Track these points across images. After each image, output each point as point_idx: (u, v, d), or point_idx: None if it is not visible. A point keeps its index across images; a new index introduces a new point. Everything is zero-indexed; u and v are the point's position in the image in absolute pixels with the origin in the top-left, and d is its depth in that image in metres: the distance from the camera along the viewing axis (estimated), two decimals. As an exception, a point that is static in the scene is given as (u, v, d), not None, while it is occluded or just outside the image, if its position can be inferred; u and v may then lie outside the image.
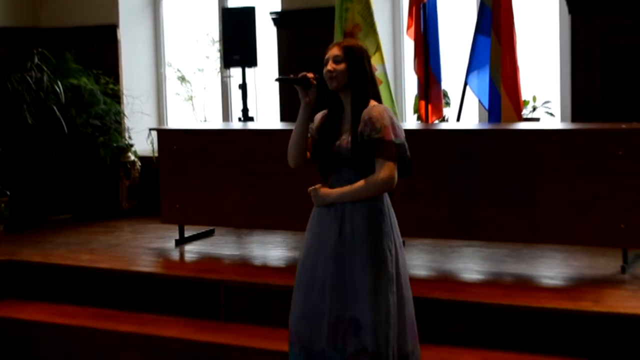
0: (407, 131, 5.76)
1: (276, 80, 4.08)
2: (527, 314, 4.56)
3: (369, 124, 3.63)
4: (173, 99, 8.43)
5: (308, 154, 3.83)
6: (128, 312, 5.55)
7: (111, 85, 7.87)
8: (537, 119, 6.70)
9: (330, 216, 3.71)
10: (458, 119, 6.44)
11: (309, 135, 3.81)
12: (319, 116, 3.84)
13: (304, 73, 3.73)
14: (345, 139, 3.68)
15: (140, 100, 8.09)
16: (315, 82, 3.69)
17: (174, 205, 6.27)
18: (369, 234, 3.68)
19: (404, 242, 5.89)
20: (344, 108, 3.76)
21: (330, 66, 3.70)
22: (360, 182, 3.66)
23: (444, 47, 6.67)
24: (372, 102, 3.71)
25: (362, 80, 3.71)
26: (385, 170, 3.64)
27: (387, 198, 3.78)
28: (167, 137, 6.34)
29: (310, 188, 3.76)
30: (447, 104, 7.06)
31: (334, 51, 3.73)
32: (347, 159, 3.67)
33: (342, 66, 3.68)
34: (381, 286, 3.67)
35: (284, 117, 7.38)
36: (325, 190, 3.72)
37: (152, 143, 7.36)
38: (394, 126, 3.69)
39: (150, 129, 7.14)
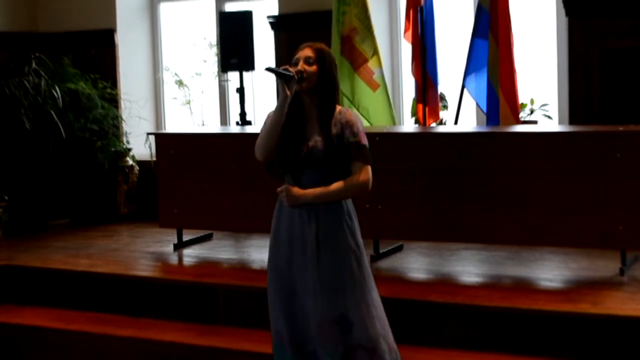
0: (405, 134, 5.80)
1: (266, 69, 3.88)
2: (526, 316, 4.56)
3: (347, 127, 3.69)
4: (171, 103, 8.43)
5: None
6: (126, 317, 5.54)
7: (109, 90, 7.87)
8: (535, 122, 6.70)
9: (303, 217, 3.73)
10: (456, 122, 6.45)
11: None
12: None
13: (287, 66, 3.72)
14: (319, 141, 3.69)
15: (138, 104, 8.09)
16: (296, 77, 3.69)
17: (172, 210, 6.26)
18: (344, 232, 3.73)
19: (401, 245, 5.97)
20: (305, 109, 3.77)
21: (301, 66, 3.71)
22: (339, 184, 3.69)
23: (441, 50, 6.68)
24: (339, 106, 3.77)
25: (330, 84, 3.74)
26: (364, 174, 3.71)
27: (351, 199, 3.84)
28: (165, 142, 6.34)
29: (281, 188, 3.76)
30: (445, 107, 7.07)
31: (306, 52, 3.75)
32: (320, 160, 3.69)
33: (313, 68, 3.71)
34: (364, 281, 3.73)
35: (281, 121, 7.36)
36: (299, 191, 3.72)
37: (150, 147, 7.36)
38: (364, 131, 3.76)
39: (148, 134, 7.14)
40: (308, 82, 3.70)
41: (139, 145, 7.77)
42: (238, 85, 7.33)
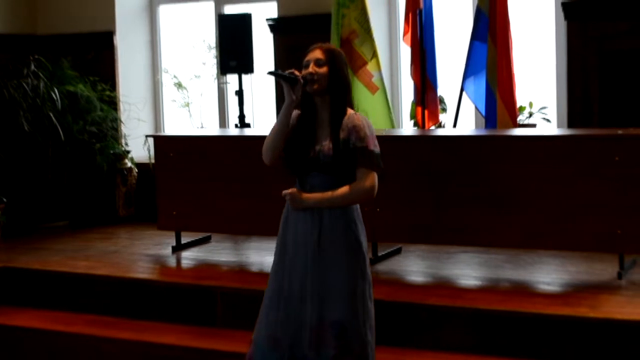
0: (404, 137, 5.81)
1: (268, 73, 3.91)
2: (524, 319, 4.56)
3: (354, 132, 3.66)
4: (170, 106, 8.43)
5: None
6: (125, 319, 5.54)
7: (108, 92, 7.87)
8: (534, 125, 6.70)
9: (307, 221, 3.71)
10: (454, 125, 6.45)
11: None
12: (294, 116, 3.81)
13: (292, 70, 3.71)
14: (326, 145, 3.67)
15: (137, 106, 8.09)
16: (302, 81, 3.68)
17: (171, 212, 6.26)
18: (348, 238, 3.71)
19: (400, 248, 5.96)
20: (318, 112, 3.75)
21: (311, 68, 3.69)
22: (345, 189, 3.67)
23: (440, 53, 6.68)
24: (350, 110, 3.73)
25: (342, 86, 3.72)
26: (370, 180, 3.69)
27: (358, 205, 3.81)
28: (164, 144, 6.34)
29: (286, 191, 3.74)
30: (444, 110, 7.07)
31: (316, 54, 3.73)
32: (326, 165, 3.68)
33: (324, 69, 3.69)
34: (363, 289, 3.72)
35: (280, 124, 7.37)
36: (305, 195, 3.71)
37: (148, 150, 7.36)
38: (373, 136, 3.72)
39: (147, 136, 7.14)
40: (319, 84, 3.68)
41: (138, 148, 7.77)
42: (237, 88, 7.32)
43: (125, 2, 8.19)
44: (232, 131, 7.01)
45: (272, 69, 7.39)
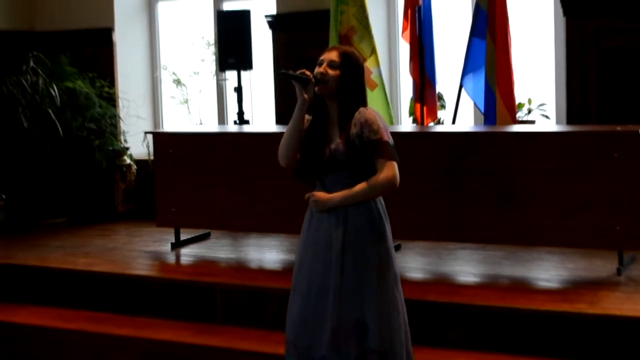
0: (402, 133, 5.80)
1: (281, 73, 3.78)
2: (523, 316, 4.56)
3: (366, 126, 3.60)
4: (168, 102, 8.42)
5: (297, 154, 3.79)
6: (124, 316, 5.54)
7: (106, 89, 7.87)
8: (533, 122, 6.70)
9: (330, 220, 3.66)
10: (453, 122, 6.45)
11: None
12: (306, 118, 3.79)
13: (303, 70, 3.66)
14: (340, 143, 3.62)
15: (136, 103, 8.09)
16: (313, 80, 3.64)
17: (170, 209, 6.27)
18: (372, 235, 3.66)
19: (399, 245, 5.97)
20: (329, 113, 3.71)
21: (323, 69, 3.64)
22: (363, 185, 3.62)
23: (439, 49, 6.68)
24: (361, 107, 3.67)
25: (353, 90, 3.66)
26: (389, 170, 3.61)
27: (382, 199, 3.76)
28: (163, 141, 6.34)
29: (309, 194, 3.70)
30: (443, 106, 7.06)
31: (332, 55, 3.67)
32: (343, 162, 3.63)
33: (336, 72, 3.63)
34: (387, 286, 3.65)
35: (279, 120, 7.38)
36: (325, 195, 3.66)
37: (147, 146, 7.36)
38: (387, 128, 3.66)
39: (146, 132, 7.14)
40: (327, 86, 3.63)
41: (137, 144, 7.77)
42: (236, 84, 7.33)
43: (124, -2, 8.20)
44: (231, 128, 7.01)
45: (271, 67, 7.41)
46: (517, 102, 6.24)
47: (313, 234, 3.72)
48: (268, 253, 6.21)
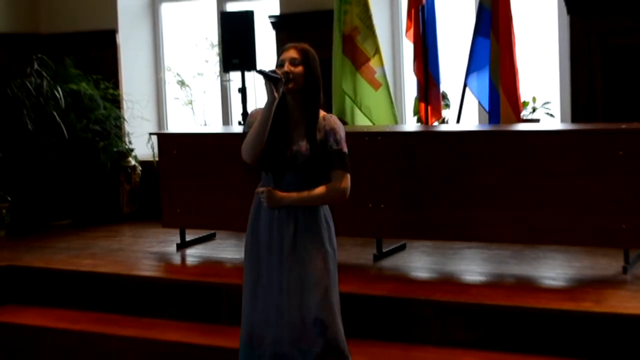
0: (407, 133, 5.80)
1: (257, 71, 3.85)
2: (529, 315, 4.56)
3: (331, 134, 3.74)
4: (173, 104, 8.43)
5: None
6: (130, 317, 5.55)
7: (111, 90, 7.88)
8: (537, 120, 6.70)
9: (282, 219, 3.76)
10: (458, 121, 6.44)
11: None
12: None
13: (275, 69, 3.72)
14: (303, 146, 3.72)
15: (140, 104, 8.09)
16: (284, 79, 3.69)
17: (175, 210, 6.27)
18: (321, 236, 3.77)
19: (404, 244, 5.96)
20: (290, 111, 3.78)
21: (287, 68, 3.71)
22: (321, 189, 3.74)
23: (443, 48, 6.67)
24: (322, 112, 3.78)
25: (315, 85, 3.76)
26: (345, 181, 3.77)
27: (328, 206, 3.89)
28: (168, 142, 6.34)
29: (262, 189, 3.78)
30: (447, 105, 7.06)
31: (291, 53, 3.77)
32: (303, 165, 3.73)
33: (299, 69, 3.73)
34: (334, 283, 3.79)
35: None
36: (280, 194, 3.75)
37: (152, 147, 7.37)
38: (345, 138, 3.79)
39: (151, 134, 7.14)
40: (294, 83, 3.71)
41: (142, 146, 7.78)
42: (240, 85, 7.32)
43: (128, 0, 8.19)
44: (236, 128, 7.01)
45: (275, 66, 7.40)
46: (521, 100, 6.24)
47: (264, 231, 3.81)
48: (273, 253, 6.19)
